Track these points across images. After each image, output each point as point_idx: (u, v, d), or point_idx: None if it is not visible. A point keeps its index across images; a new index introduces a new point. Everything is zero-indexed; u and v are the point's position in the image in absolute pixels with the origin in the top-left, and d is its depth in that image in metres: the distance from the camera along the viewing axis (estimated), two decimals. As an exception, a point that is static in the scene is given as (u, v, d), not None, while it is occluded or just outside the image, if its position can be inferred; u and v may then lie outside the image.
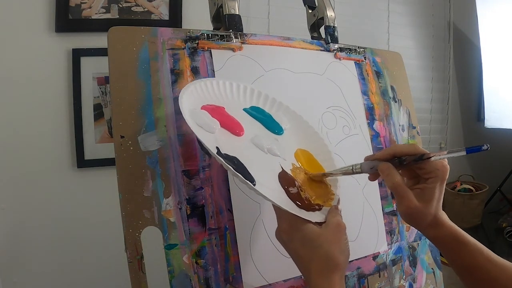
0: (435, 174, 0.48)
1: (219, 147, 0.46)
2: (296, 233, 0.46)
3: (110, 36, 0.54)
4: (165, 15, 1.37)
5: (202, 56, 0.60)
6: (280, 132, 0.58)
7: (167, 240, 0.51)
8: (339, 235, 0.46)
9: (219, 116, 0.52)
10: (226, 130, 0.52)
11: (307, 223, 0.46)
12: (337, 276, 0.44)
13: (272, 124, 0.58)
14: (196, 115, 0.50)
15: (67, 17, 1.24)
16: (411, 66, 2.00)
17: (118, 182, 0.51)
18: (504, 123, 1.97)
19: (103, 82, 1.30)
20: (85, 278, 1.29)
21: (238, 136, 0.52)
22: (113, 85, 0.53)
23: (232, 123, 0.53)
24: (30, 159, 1.23)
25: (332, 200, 0.52)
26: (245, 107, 0.58)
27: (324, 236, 0.45)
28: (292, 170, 0.53)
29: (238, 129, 0.53)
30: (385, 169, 0.49)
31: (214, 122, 0.50)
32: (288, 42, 0.69)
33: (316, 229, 0.45)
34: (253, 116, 0.58)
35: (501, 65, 1.95)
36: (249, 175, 0.45)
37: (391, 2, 1.94)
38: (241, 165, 0.46)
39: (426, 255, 0.78)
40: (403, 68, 0.86)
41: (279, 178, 0.50)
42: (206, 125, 0.49)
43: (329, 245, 0.45)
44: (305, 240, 0.45)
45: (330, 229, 0.46)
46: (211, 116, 0.51)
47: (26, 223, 1.23)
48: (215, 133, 0.49)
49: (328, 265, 0.44)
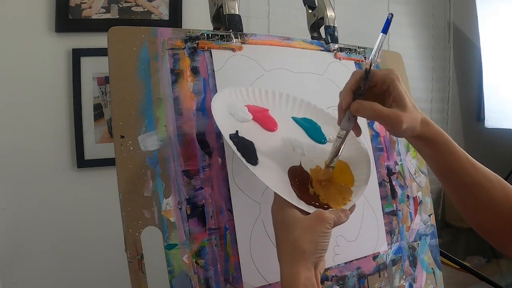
0: (389, 78, 0.49)
1: (238, 131, 0.51)
2: (279, 216, 0.47)
3: (110, 36, 0.54)
4: (165, 15, 1.37)
5: (202, 56, 0.60)
6: (324, 141, 0.61)
7: (167, 240, 0.51)
8: (316, 226, 0.44)
9: (257, 114, 0.57)
10: (258, 124, 0.56)
11: (293, 208, 0.46)
12: (302, 266, 0.43)
13: (318, 134, 0.61)
14: (233, 106, 0.55)
15: (67, 17, 1.24)
16: (411, 66, 2.00)
17: (118, 182, 0.51)
18: (504, 123, 1.97)
19: (103, 82, 1.29)
20: (85, 278, 1.29)
21: (269, 131, 0.56)
22: (113, 85, 0.53)
23: (268, 120, 0.57)
24: (30, 159, 1.22)
25: (345, 205, 0.51)
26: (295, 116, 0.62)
27: (300, 222, 0.45)
28: (314, 170, 0.54)
29: (272, 126, 0.57)
30: (357, 106, 0.49)
31: (247, 114, 0.56)
32: (288, 42, 0.69)
33: (297, 215, 0.45)
34: (299, 125, 0.61)
35: (501, 65, 1.95)
36: (254, 156, 0.49)
37: (391, 2, 1.94)
38: (252, 148, 0.50)
39: (426, 255, 0.79)
40: (403, 68, 0.86)
41: (289, 169, 0.52)
42: (237, 115, 0.55)
43: (300, 232, 0.44)
44: (283, 223, 0.46)
45: (309, 218, 0.45)
46: (248, 111, 0.56)
47: (26, 223, 1.23)
48: (244, 123, 0.54)
49: (294, 252, 0.43)
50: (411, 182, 0.79)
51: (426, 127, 0.50)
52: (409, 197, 0.78)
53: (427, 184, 0.83)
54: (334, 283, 0.64)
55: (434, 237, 0.81)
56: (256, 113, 0.57)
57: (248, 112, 0.56)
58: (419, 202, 0.80)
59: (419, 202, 0.80)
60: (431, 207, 0.83)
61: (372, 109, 0.48)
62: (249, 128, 0.53)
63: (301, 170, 0.53)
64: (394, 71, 0.50)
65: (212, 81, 0.59)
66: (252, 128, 0.54)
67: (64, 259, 1.27)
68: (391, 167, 0.77)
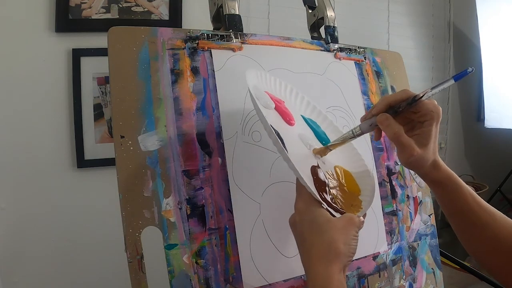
0: (430, 116, 0.49)
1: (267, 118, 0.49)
2: (308, 215, 0.46)
3: (110, 36, 0.54)
4: (165, 15, 1.37)
5: (202, 56, 0.60)
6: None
7: (167, 240, 0.51)
8: (349, 228, 0.45)
9: (277, 103, 0.55)
10: (279, 115, 0.54)
11: (322, 208, 0.46)
12: (337, 266, 0.43)
13: (323, 138, 0.60)
14: (257, 89, 0.53)
15: (67, 17, 1.24)
16: (411, 66, 2.00)
17: (118, 182, 0.51)
18: (504, 123, 1.97)
19: (103, 82, 1.29)
20: (85, 278, 1.29)
21: (289, 125, 0.55)
22: (113, 85, 0.53)
23: (287, 112, 0.56)
24: (30, 159, 1.23)
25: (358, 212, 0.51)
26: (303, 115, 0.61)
27: (333, 223, 0.45)
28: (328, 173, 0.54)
29: (291, 119, 0.55)
30: (384, 120, 0.49)
31: (271, 102, 0.54)
32: (288, 42, 0.69)
33: (328, 216, 0.45)
34: (308, 124, 0.60)
35: (501, 65, 1.95)
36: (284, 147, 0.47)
37: (391, 2, 1.94)
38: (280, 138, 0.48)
39: (426, 255, 0.78)
40: (403, 68, 0.86)
41: (311, 168, 0.51)
42: (262, 100, 0.53)
43: (335, 233, 0.44)
44: (313, 223, 0.45)
45: (341, 219, 0.45)
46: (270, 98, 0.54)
47: (26, 223, 1.23)
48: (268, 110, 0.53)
49: (330, 252, 0.43)
50: (411, 182, 0.79)
51: (435, 171, 0.51)
52: (409, 197, 0.78)
53: (427, 184, 0.83)
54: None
55: (434, 237, 0.81)
56: (276, 103, 0.55)
57: (270, 99, 0.55)
58: (419, 202, 0.80)
59: (419, 202, 0.80)
60: (431, 207, 0.83)
61: (393, 131, 0.48)
62: (273, 116, 0.52)
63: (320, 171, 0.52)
64: (440, 111, 0.50)
65: (212, 81, 0.59)
66: (274, 117, 0.53)
67: (64, 259, 1.27)
68: (391, 167, 0.77)
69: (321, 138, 0.60)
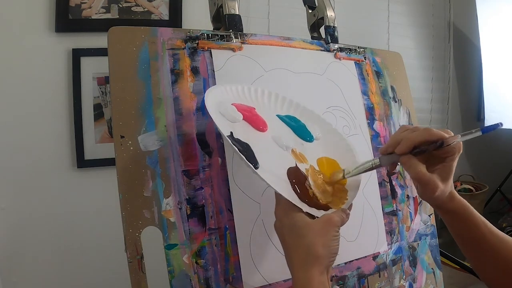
0: (452, 152, 0.49)
1: (233, 132, 0.49)
2: (286, 220, 0.46)
3: (110, 36, 0.54)
4: (165, 15, 1.37)
5: (202, 56, 0.60)
6: (310, 139, 0.60)
7: (167, 240, 0.51)
8: (327, 229, 0.45)
9: (245, 112, 0.55)
10: (248, 124, 0.54)
11: (300, 212, 0.46)
12: (316, 270, 0.43)
13: (304, 132, 0.60)
14: (222, 105, 0.53)
15: (67, 17, 1.24)
16: (411, 66, 2.00)
17: (118, 182, 0.51)
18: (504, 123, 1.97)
19: (103, 82, 1.29)
20: (85, 278, 1.29)
21: (260, 131, 0.55)
22: (113, 85, 0.53)
23: (257, 119, 0.56)
24: (30, 159, 1.22)
25: (343, 204, 0.51)
26: (279, 114, 0.61)
27: (311, 226, 0.45)
28: (308, 170, 0.54)
29: (262, 125, 0.55)
30: (407, 161, 0.49)
31: (237, 114, 0.54)
32: (288, 42, 0.69)
33: (306, 219, 0.45)
34: (285, 122, 0.60)
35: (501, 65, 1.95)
36: (254, 160, 0.47)
37: (391, 2, 1.94)
38: (249, 150, 0.48)
39: (426, 255, 0.78)
40: (403, 68, 0.86)
41: (287, 170, 0.51)
42: (228, 114, 0.53)
43: (313, 236, 0.44)
44: (293, 228, 0.45)
45: (319, 221, 0.46)
46: (237, 110, 0.54)
47: (26, 223, 1.23)
48: (236, 123, 0.52)
49: (308, 256, 0.44)
50: (411, 182, 0.79)
51: (451, 201, 0.52)
52: (409, 197, 0.78)
53: (427, 184, 0.83)
54: (334, 283, 0.64)
55: (434, 237, 0.81)
56: (245, 112, 0.55)
57: (237, 111, 0.54)
58: (419, 202, 0.80)
59: (419, 202, 0.80)
60: (431, 207, 0.83)
61: (416, 171, 0.48)
62: (240, 129, 0.52)
63: (297, 171, 0.53)
64: (461, 147, 0.49)
65: (212, 81, 0.59)
66: (243, 128, 0.53)
67: (64, 259, 1.27)
68: (391, 167, 0.77)
69: (301, 133, 0.60)
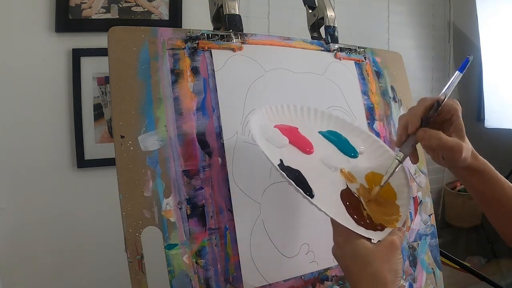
0: (454, 109, 0.50)
1: (282, 160, 0.49)
2: (348, 248, 0.45)
3: (110, 36, 0.54)
4: (165, 15, 1.37)
5: (202, 56, 0.60)
6: (355, 155, 0.59)
7: (167, 240, 0.51)
8: (391, 254, 0.44)
9: (290, 134, 0.54)
10: (295, 147, 0.54)
11: (360, 238, 0.45)
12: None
13: (347, 148, 0.59)
14: (266, 130, 0.53)
15: (67, 17, 1.24)
16: (411, 66, 2.00)
17: (118, 182, 0.51)
18: (504, 123, 1.97)
19: (103, 82, 1.29)
20: (85, 278, 1.29)
21: (307, 154, 0.54)
22: (113, 85, 0.53)
23: (302, 141, 0.55)
24: (30, 159, 1.22)
25: (397, 222, 0.50)
26: (321, 130, 0.60)
27: (375, 253, 0.44)
28: (359, 189, 0.53)
29: (308, 147, 0.55)
30: (422, 134, 0.49)
31: (283, 138, 0.53)
32: (288, 42, 0.69)
33: (368, 245, 0.44)
34: (328, 139, 0.59)
35: (501, 65, 1.95)
36: (308, 188, 0.47)
37: (391, 2, 1.94)
38: (302, 178, 0.48)
39: (426, 255, 0.78)
40: (403, 68, 0.86)
41: (341, 194, 0.51)
42: (273, 140, 0.52)
43: (379, 263, 0.43)
44: (355, 255, 0.45)
45: (382, 247, 0.45)
46: (281, 133, 0.54)
47: (26, 223, 1.23)
48: (283, 149, 0.52)
49: (377, 284, 0.43)
50: (411, 182, 0.79)
51: (475, 159, 0.53)
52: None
53: (427, 184, 0.83)
54: (334, 283, 0.64)
55: (434, 237, 0.81)
56: (290, 135, 0.54)
57: (282, 135, 0.53)
58: (419, 202, 0.80)
59: (419, 202, 0.80)
60: (431, 207, 0.83)
61: (438, 138, 0.48)
62: (289, 154, 0.51)
63: (350, 193, 0.51)
64: (457, 102, 0.51)
65: (212, 81, 0.59)
66: (291, 153, 0.52)
67: (64, 259, 1.27)
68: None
69: (345, 149, 0.59)
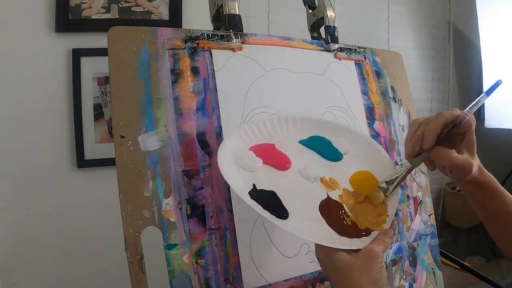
0: (469, 124, 0.50)
1: (255, 184, 0.49)
2: (328, 262, 0.45)
3: (110, 36, 0.54)
4: (165, 15, 1.37)
5: (202, 56, 0.60)
6: (338, 158, 0.59)
7: (167, 240, 0.51)
8: (369, 264, 0.43)
9: (265, 154, 0.54)
10: (270, 166, 0.54)
11: (339, 251, 0.44)
12: None
13: (330, 152, 0.59)
14: (239, 157, 0.53)
15: (67, 17, 1.24)
16: (411, 66, 2.00)
17: (118, 182, 0.51)
18: (504, 123, 1.97)
19: (103, 82, 1.29)
20: (85, 278, 1.29)
21: (284, 170, 0.54)
22: (113, 85, 0.53)
23: (279, 158, 0.55)
24: (30, 159, 1.22)
25: (384, 223, 0.49)
26: (301, 139, 0.60)
27: (353, 264, 0.43)
28: (342, 196, 0.53)
29: (285, 163, 0.55)
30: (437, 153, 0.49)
31: (256, 161, 0.53)
32: (288, 42, 0.69)
33: (347, 258, 0.44)
34: (308, 147, 0.59)
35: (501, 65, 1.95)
36: (282, 209, 0.47)
37: (391, 2, 1.93)
38: (276, 199, 0.48)
39: (426, 255, 0.78)
40: (403, 68, 0.86)
41: (319, 206, 0.50)
42: (246, 165, 0.52)
43: (357, 275, 0.43)
44: (335, 269, 0.44)
45: (360, 257, 0.44)
46: (255, 155, 0.53)
47: (26, 223, 1.23)
48: (256, 171, 0.52)
49: None
50: (411, 182, 0.79)
51: (481, 174, 0.53)
52: (409, 197, 0.78)
53: (427, 184, 0.83)
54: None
55: (434, 237, 0.81)
56: (265, 154, 0.54)
57: (255, 157, 0.53)
58: (419, 202, 0.80)
59: (419, 202, 0.80)
60: (431, 207, 0.83)
61: (450, 158, 0.49)
62: (263, 175, 0.51)
63: (329, 203, 0.51)
64: (473, 117, 0.51)
65: (212, 81, 0.59)
66: (265, 174, 0.52)
67: (64, 259, 1.27)
68: (391, 167, 0.76)
69: (328, 153, 0.59)
